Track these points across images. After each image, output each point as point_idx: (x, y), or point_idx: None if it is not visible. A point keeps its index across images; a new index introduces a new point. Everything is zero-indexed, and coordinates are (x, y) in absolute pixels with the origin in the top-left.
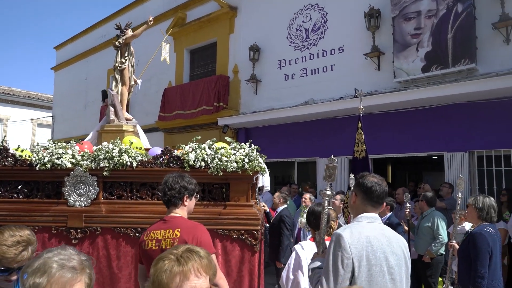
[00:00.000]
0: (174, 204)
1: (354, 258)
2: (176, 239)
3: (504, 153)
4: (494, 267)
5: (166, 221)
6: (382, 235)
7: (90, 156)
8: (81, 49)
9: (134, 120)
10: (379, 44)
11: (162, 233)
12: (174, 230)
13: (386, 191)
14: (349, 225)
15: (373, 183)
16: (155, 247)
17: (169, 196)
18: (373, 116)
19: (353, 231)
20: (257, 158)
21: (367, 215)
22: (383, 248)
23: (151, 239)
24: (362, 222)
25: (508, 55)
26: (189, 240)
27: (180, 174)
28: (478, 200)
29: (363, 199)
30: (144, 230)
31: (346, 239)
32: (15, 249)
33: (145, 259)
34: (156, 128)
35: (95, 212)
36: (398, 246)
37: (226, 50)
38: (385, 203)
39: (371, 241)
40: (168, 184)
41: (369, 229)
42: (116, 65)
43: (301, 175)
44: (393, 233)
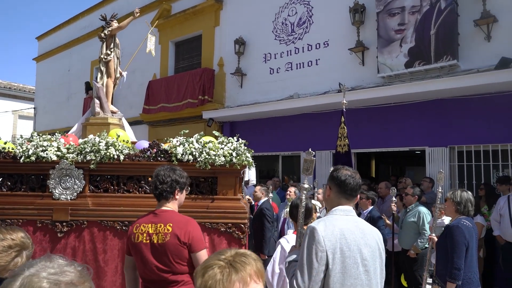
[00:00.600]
0: (166, 197)
1: (328, 251)
2: (168, 234)
3: (483, 148)
4: (471, 259)
5: (157, 215)
6: (356, 228)
7: (76, 149)
8: (64, 40)
9: (119, 113)
10: (363, 39)
11: (153, 227)
12: (165, 224)
13: (360, 184)
14: (323, 218)
15: (347, 176)
16: (146, 241)
17: (160, 189)
18: (356, 110)
19: (327, 224)
20: (245, 152)
21: (341, 208)
22: (357, 240)
23: (141, 232)
24: (336, 215)
25: (489, 52)
26: (181, 235)
27: (171, 167)
28: (456, 194)
29: (337, 192)
30: (133, 222)
31: (320, 232)
32: (6, 255)
33: (134, 251)
34: (140, 121)
35: (81, 205)
36: (372, 238)
37: (212, 43)
38: (366, 196)
39: (345, 234)
40: (159, 177)
41: (343, 222)
42: (101, 57)
43: (285, 169)
44: (367, 225)
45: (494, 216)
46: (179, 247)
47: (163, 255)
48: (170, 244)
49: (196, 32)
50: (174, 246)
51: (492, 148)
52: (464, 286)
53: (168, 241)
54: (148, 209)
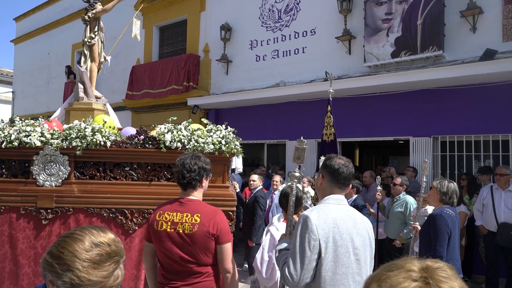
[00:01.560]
0: (194, 186)
1: (321, 239)
2: (196, 224)
3: (466, 139)
4: (453, 247)
5: (183, 204)
6: (348, 217)
7: (60, 134)
8: (43, 22)
9: (103, 98)
10: (350, 28)
11: (179, 216)
12: (193, 215)
13: (353, 173)
14: (316, 207)
15: (340, 164)
16: (171, 229)
17: (188, 178)
18: (342, 100)
19: (320, 213)
20: (234, 140)
21: (334, 196)
22: (349, 229)
23: (166, 220)
24: (329, 203)
25: (474, 43)
26: (209, 226)
27: (195, 154)
28: (443, 184)
29: (330, 181)
30: (156, 209)
31: (313, 221)
32: (104, 268)
33: (156, 239)
34: (123, 107)
35: (66, 192)
36: (363, 227)
37: (197, 29)
38: (351, 185)
39: (337, 223)
40: (186, 166)
41: (335, 211)
42: (85, 40)
43: (270, 157)
44: (358, 214)
45: (476, 206)
46: (207, 238)
47: (189, 246)
48: (198, 235)
49: (181, 17)
50: (202, 237)
51: (475, 138)
52: None
53: (196, 232)
54: (136, 196)
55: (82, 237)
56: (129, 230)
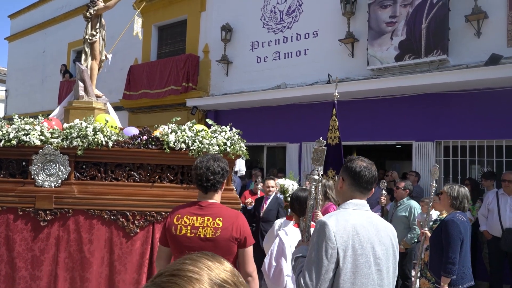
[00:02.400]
0: (216, 189)
1: (339, 248)
2: (218, 228)
3: (469, 144)
4: (465, 254)
5: (202, 207)
6: (369, 224)
7: (61, 133)
8: (39, 20)
9: (104, 97)
10: (353, 31)
11: (200, 220)
12: (214, 219)
13: (376, 176)
14: (335, 212)
15: (362, 167)
16: (191, 234)
17: (213, 181)
18: (344, 103)
19: (338, 219)
20: (239, 142)
21: (354, 201)
22: (370, 237)
23: (185, 225)
24: (349, 209)
25: (479, 48)
26: (232, 230)
27: (215, 156)
28: (453, 189)
29: (350, 184)
30: (172, 211)
31: (331, 228)
32: None
33: (174, 244)
34: (120, 107)
35: (66, 193)
36: (386, 235)
37: (197, 29)
38: (373, 189)
39: (357, 230)
40: (211, 168)
41: (355, 217)
42: (86, 38)
43: (270, 160)
44: (381, 221)
45: (481, 211)
46: (230, 243)
47: (212, 250)
48: (221, 239)
49: (181, 17)
50: (225, 241)
51: (478, 144)
52: (458, 281)
53: (219, 236)
54: (138, 198)
55: (199, 274)
56: (131, 233)
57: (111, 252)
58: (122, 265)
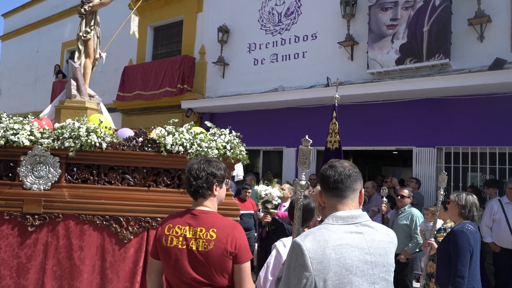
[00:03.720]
0: (203, 195)
1: (316, 276)
2: (212, 241)
3: (471, 151)
4: (474, 266)
5: (195, 216)
6: (360, 241)
7: (52, 134)
8: (33, 19)
9: (97, 97)
10: (353, 33)
11: (192, 231)
12: (208, 229)
13: (350, 175)
14: (312, 230)
15: (325, 168)
16: (182, 246)
17: (195, 186)
18: (343, 107)
19: (316, 239)
20: (239, 145)
21: (337, 214)
22: (363, 259)
23: (176, 235)
24: (332, 224)
25: (481, 52)
26: (227, 243)
27: (206, 159)
28: (461, 198)
29: (324, 192)
30: (164, 221)
31: (306, 252)
32: None
33: (165, 257)
34: (113, 109)
35: (56, 196)
36: (381, 251)
37: (193, 30)
38: (360, 191)
39: (342, 252)
40: (192, 172)
41: (339, 235)
42: (80, 35)
43: (266, 164)
44: (377, 233)
45: (485, 221)
46: (224, 257)
47: (203, 266)
48: (214, 253)
49: (177, 17)
50: (219, 255)
51: (480, 150)
52: None
53: (212, 250)
54: (133, 203)
55: None
56: (124, 240)
57: (103, 260)
58: (114, 273)
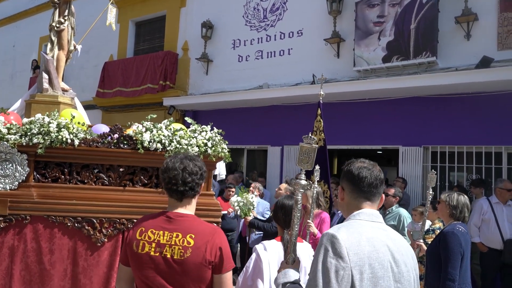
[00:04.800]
0: (194, 195)
1: (353, 268)
2: (189, 248)
3: (457, 150)
4: (465, 269)
5: (172, 220)
6: (388, 238)
7: (19, 129)
8: (9, 12)
9: (71, 92)
10: (340, 30)
11: (167, 236)
12: (185, 235)
13: (381, 178)
14: (344, 224)
15: (360, 168)
16: (155, 253)
17: (191, 185)
18: (328, 105)
19: (350, 231)
20: (221, 143)
21: (365, 211)
22: (393, 254)
23: (149, 241)
24: (361, 219)
25: (468, 50)
26: (207, 251)
27: (188, 156)
28: (452, 198)
29: (352, 192)
30: (136, 224)
31: (342, 242)
32: None
33: (135, 263)
34: (93, 106)
35: (24, 196)
36: (407, 253)
37: (176, 25)
38: (383, 195)
39: (375, 245)
40: (188, 168)
41: (370, 230)
42: (53, 25)
43: (250, 163)
44: (400, 237)
45: (474, 221)
46: (203, 267)
47: (178, 276)
48: (191, 262)
49: (159, 12)
50: (196, 264)
51: (467, 150)
52: None
53: (189, 258)
54: (107, 203)
55: None
56: (97, 243)
57: (74, 264)
58: (87, 278)
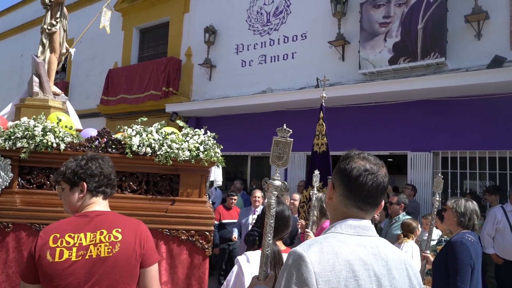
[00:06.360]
0: (111, 193)
1: None
2: (117, 242)
3: (470, 155)
4: (476, 282)
5: (91, 219)
6: (375, 258)
7: (3, 133)
8: (18, 22)
9: (63, 96)
10: (344, 32)
11: (90, 236)
12: (110, 231)
13: (384, 185)
14: (319, 239)
15: (362, 170)
16: (77, 258)
17: (113, 183)
18: (333, 109)
19: (324, 251)
20: (214, 147)
21: (350, 222)
22: (380, 281)
23: (68, 246)
24: (341, 233)
25: (479, 50)
26: (136, 241)
27: (96, 155)
28: (459, 204)
29: (343, 195)
30: (44, 232)
31: (310, 265)
32: None
33: (50, 277)
34: (97, 113)
35: (6, 203)
36: (402, 278)
37: (179, 31)
38: (382, 203)
39: (355, 270)
40: (106, 166)
41: (351, 248)
42: (44, 27)
43: (254, 171)
44: (394, 252)
45: (488, 230)
46: (133, 260)
47: (107, 275)
48: (121, 257)
49: (163, 19)
50: (127, 258)
51: (479, 155)
52: None
53: (118, 253)
54: None
55: None
56: None
57: None
58: None
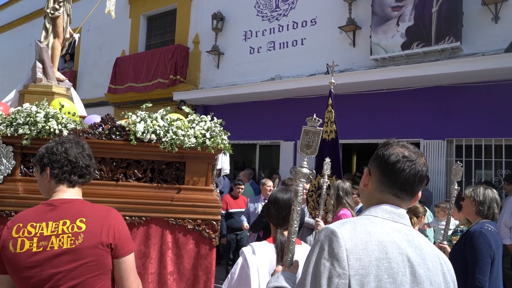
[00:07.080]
0: (88, 180)
1: (352, 277)
2: (80, 233)
3: (485, 143)
4: (496, 275)
5: (55, 207)
6: (410, 245)
7: (5, 119)
8: (26, 11)
9: (67, 82)
10: (355, 17)
11: (52, 226)
12: (74, 221)
13: (422, 174)
14: (352, 219)
15: (400, 157)
16: (38, 249)
17: (81, 172)
18: (344, 96)
19: (357, 229)
20: (221, 134)
21: (386, 207)
22: (414, 267)
23: (29, 237)
24: (376, 216)
25: (496, 34)
26: (102, 232)
27: (68, 139)
28: (478, 192)
29: (379, 181)
30: (11, 221)
31: (341, 241)
32: None
33: (14, 268)
34: (105, 102)
35: (9, 191)
36: (435, 269)
37: (187, 18)
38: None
39: (388, 252)
40: (84, 152)
41: (385, 230)
42: (47, 12)
43: (262, 160)
44: (428, 244)
45: (505, 221)
46: (100, 251)
47: (72, 268)
48: (85, 248)
49: (170, 6)
50: (92, 250)
51: (495, 142)
52: None
53: (82, 245)
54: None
55: None
56: None
57: None
58: None
